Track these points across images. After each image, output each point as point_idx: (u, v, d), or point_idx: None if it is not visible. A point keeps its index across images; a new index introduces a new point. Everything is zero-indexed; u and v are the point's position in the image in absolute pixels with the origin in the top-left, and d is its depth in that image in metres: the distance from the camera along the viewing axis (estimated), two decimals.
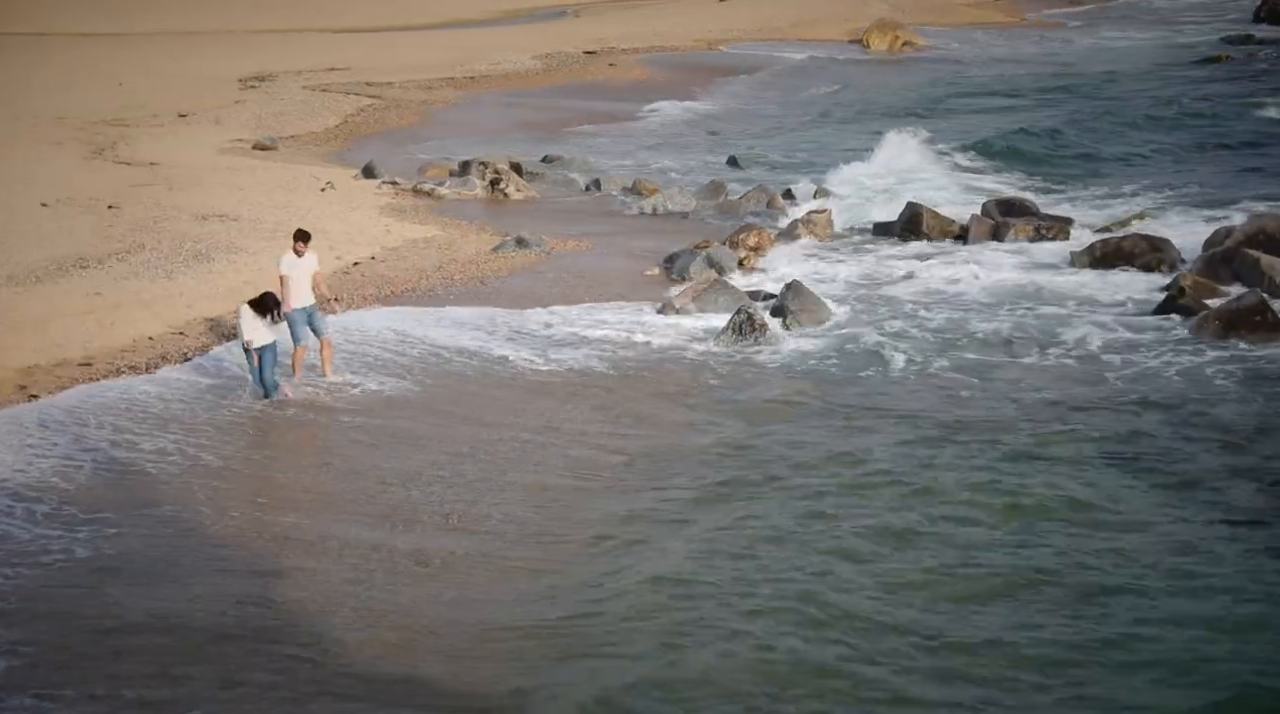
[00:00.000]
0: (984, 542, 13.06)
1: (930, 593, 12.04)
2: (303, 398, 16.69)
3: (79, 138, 33.48)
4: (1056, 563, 12.60)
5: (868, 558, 12.69)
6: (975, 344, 19.49)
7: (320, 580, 12.18)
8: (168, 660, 10.71)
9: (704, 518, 13.61)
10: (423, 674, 10.72)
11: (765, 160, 35.36)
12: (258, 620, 11.43)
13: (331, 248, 23.73)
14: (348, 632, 11.31)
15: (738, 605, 11.68)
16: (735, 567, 12.45)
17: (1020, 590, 12.07)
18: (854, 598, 11.92)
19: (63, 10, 64.30)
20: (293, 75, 46.55)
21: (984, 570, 12.44)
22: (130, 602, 11.58)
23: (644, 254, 24.68)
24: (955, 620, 11.56)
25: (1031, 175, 32.38)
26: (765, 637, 11.19)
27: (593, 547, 13.01)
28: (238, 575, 12.22)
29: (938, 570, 12.44)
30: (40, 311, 19.12)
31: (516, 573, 12.46)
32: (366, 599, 11.87)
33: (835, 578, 12.27)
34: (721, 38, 62.22)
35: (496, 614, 11.64)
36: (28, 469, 14.10)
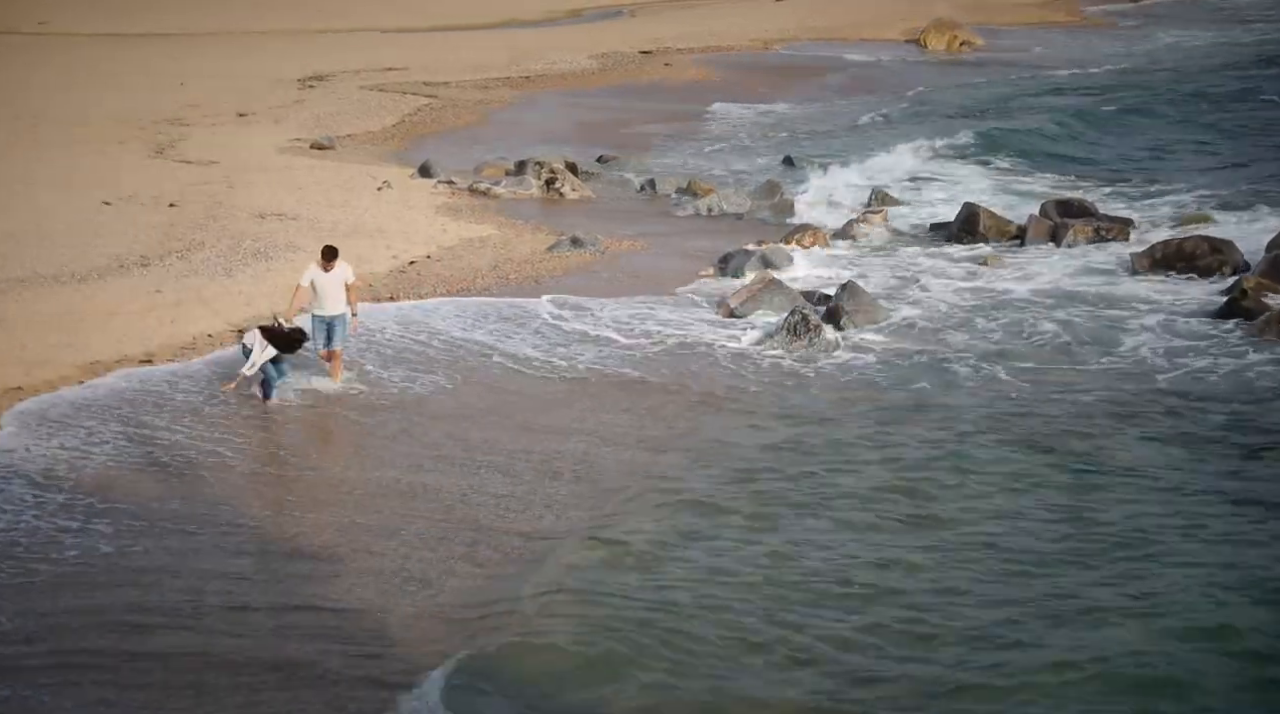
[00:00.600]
0: (1054, 557, 12.85)
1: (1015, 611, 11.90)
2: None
3: (141, 137, 33.89)
4: (1126, 580, 12.43)
5: (927, 566, 12.62)
6: (1032, 347, 19.34)
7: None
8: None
9: (763, 518, 13.60)
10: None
11: (822, 161, 35.18)
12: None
13: (388, 247, 23.91)
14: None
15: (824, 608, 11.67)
16: (804, 567, 12.45)
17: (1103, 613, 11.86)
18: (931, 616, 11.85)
19: (128, 12, 65.08)
20: (350, 75, 46.86)
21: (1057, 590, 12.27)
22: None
23: (698, 254, 24.67)
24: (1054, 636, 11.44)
25: (1085, 177, 32.01)
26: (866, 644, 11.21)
27: (649, 547, 13.04)
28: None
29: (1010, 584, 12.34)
30: (103, 309, 19.39)
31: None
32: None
33: (897, 597, 12.21)
34: (777, 37, 62.01)
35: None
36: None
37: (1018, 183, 31.53)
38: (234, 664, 10.80)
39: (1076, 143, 36.30)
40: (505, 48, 56.14)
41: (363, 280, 21.75)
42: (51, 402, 16.09)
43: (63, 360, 17.32)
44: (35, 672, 10.60)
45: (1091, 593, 12.01)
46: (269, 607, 11.75)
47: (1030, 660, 10.90)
